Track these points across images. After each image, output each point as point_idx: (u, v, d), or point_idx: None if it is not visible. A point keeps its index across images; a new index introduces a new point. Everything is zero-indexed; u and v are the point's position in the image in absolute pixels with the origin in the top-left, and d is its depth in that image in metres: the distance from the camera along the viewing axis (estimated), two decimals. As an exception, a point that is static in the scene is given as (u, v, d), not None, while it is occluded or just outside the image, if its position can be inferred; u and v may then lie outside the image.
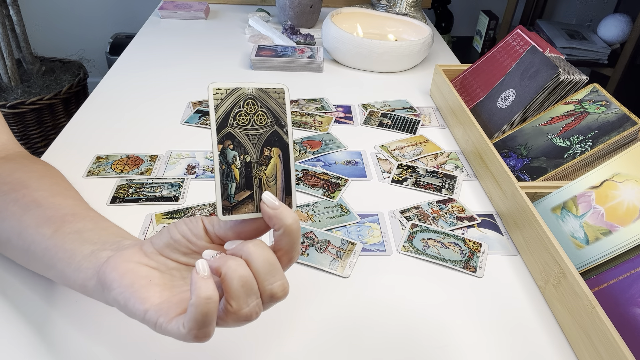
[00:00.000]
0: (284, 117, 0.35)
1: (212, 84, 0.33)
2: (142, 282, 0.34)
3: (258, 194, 0.34)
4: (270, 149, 0.34)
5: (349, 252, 0.55)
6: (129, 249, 0.37)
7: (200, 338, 0.31)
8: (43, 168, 0.50)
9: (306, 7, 1.21)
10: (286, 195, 0.35)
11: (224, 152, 0.33)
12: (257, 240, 0.34)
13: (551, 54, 0.75)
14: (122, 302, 0.34)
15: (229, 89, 0.33)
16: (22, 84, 1.68)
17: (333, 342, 0.45)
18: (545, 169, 0.62)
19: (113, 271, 0.34)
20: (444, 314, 0.49)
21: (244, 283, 0.31)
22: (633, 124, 0.59)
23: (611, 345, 0.40)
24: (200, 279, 0.30)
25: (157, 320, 0.32)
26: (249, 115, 0.34)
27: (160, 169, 0.67)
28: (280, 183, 0.35)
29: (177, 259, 0.36)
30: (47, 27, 2.14)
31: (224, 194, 0.33)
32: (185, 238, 0.36)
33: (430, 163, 0.73)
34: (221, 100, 0.33)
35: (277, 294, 0.33)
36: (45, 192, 0.45)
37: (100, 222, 0.42)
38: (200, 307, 0.30)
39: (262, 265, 0.32)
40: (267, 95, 0.34)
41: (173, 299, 0.34)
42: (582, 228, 0.52)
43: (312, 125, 0.81)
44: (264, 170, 0.34)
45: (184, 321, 0.31)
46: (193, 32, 1.20)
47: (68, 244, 0.39)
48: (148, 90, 0.90)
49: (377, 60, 1.01)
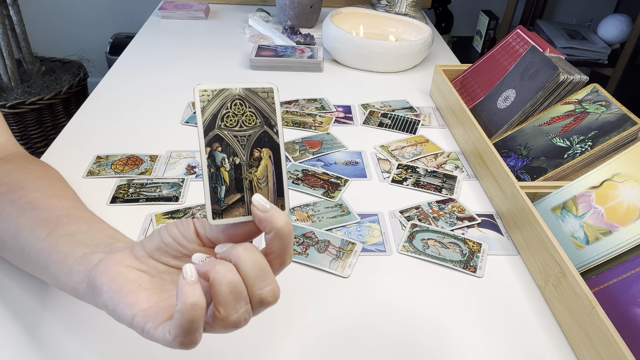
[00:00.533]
0: (274, 117, 0.34)
1: (197, 86, 0.32)
2: (131, 287, 0.33)
3: (249, 196, 0.33)
4: (260, 150, 0.34)
5: (349, 252, 0.55)
6: (120, 252, 0.36)
7: (186, 345, 0.30)
8: (41, 169, 0.50)
9: (306, 7, 1.21)
10: (278, 197, 0.34)
11: (212, 155, 0.32)
12: (247, 244, 0.33)
13: (551, 54, 0.75)
14: (110, 307, 0.33)
15: (216, 90, 0.32)
16: (22, 84, 1.68)
17: (333, 342, 0.45)
18: (545, 169, 0.62)
19: (103, 275, 0.34)
20: (444, 314, 0.49)
21: (233, 288, 0.30)
22: (633, 124, 0.59)
23: (611, 345, 0.40)
24: (187, 285, 0.29)
25: (144, 326, 0.31)
26: (237, 116, 0.33)
27: (160, 169, 0.67)
28: (271, 184, 0.34)
29: (167, 262, 0.36)
30: (47, 27, 2.14)
31: (214, 197, 0.32)
32: (176, 241, 0.35)
33: (430, 163, 0.73)
34: (208, 102, 0.32)
35: (267, 299, 0.32)
36: (41, 193, 0.45)
37: (94, 224, 0.42)
38: (186, 313, 0.29)
39: (251, 269, 0.31)
40: (256, 95, 0.33)
41: (161, 304, 0.33)
42: (582, 228, 0.52)
43: (312, 125, 0.81)
44: (254, 172, 0.34)
45: (169, 327, 0.30)
46: (193, 32, 1.20)
47: (61, 246, 0.39)
48: (148, 90, 0.90)
49: (377, 60, 1.01)
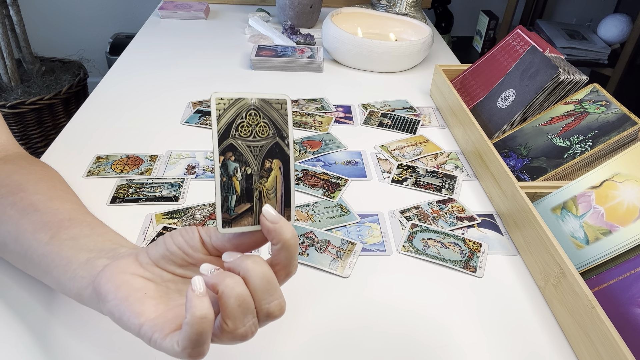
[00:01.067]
0: (286, 129, 0.34)
1: (215, 94, 0.32)
2: (137, 295, 0.33)
3: (258, 206, 0.34)
4: (272, 161, 0.34)
5: (349, 252, 0.55)
6: (125, 258, 0.36)
7: (194, 357, 0.30)
8: (41, 170, 0.50)
9: (306, 7, 1.21)
10: (285, 207, 0.35)
11: (225, 164, 0.32)
12: (255, 256, 0.33)
13: (551, 54, 0.75)
14: (117, 315, 0.33)
15: (232, 99, 0.32)
16: (22, 84, 1.68)
17: (333, 342, 0.45)
18: (545, 169, 0.62)
19: (108, 282, 0.34)
20: (443, 313, 0.49)
21: (241, 302, 0.31)
22: (633, 124, 0.59)
23: (611, 345, 0.40)
24: (196, 297, 0.29)
25: (152, 336, 0.32)
26: (251, 127, 0.33)
27: (160, 169, 0.67)
28: (280, 195, 0.34)
29: (173, 270, 0.36)
30: (47, 27, 2.14)
31: (224, 206, 0.33)
32: (182, 250, 0.35)
33: (430, 163, 0.73)
34: (224, 111, 0.32)
35: (273, 313, 0.32)
36: (42, 195, 0.44)
37: (97, 228, 0.42)
38: (195, 326, 0.29)
39: (260, 283, 0.31)
40: (270, 106, 0.34)
41: (168, 314, 0.33)
42: (582, 228, 0.52)
43: (312, 125, 0.81)
44: (264, 183, 0.34)
45: (178, 339, 0.30)
46: (193, 32, 1.20)
47: (64, 250, 0.39)
48: (148, 90, 0.90)
49: (377, 60, 1.01)
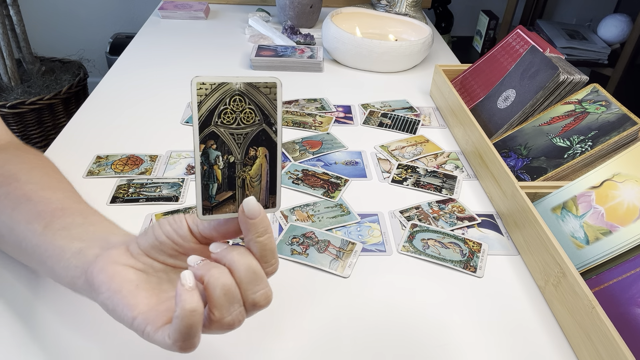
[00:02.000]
0: (274, 115, 0.33)
1: (196, 78, 0.30)
2: (130, 287, 0.34)
3: (240, 194, 0.33)
4: (257, 148, 0.33)
5: (349, 252, 0.55)
6: (116, 248, 0.36)
7: (185, 349, 0.31)
8: (34, 158, 0.49)
9: (306, 7, 1.21)
10: (270, 195, 0.34)
11: (205, 153, 0.32)
12: (241, 248, 0.33)
13: (551, 54, 0.75)
14: (110, 307, 0.33)
15: (215, 84, 0.31)
16: (22, 84, 1.68)
17: (333, 342, 0.45)
18: (545, 169, 0.62)
19: (100, 273, 0.34)
20: (444, 313, 0.49)
21: (227, 292, 0.31)
22: (633, 124, 0.59)
23: (611, 345, 0.40)
24: (185, 291, 0.30)
25: (144, 329, 0.32)
26: (235, 113, 0.32)
27: (160, 169, 0.67)
28: (265, 183, 0.34)
29: (164, 260, 0.36)
30: (47, 27, 2.14)
31: (205, 194, 0.32)
32: (171, 239, 0.35)
33: (430, 163, 0.73)
34: (205, 97, 0.31)
35: (259, 303, 0.33)
36: (35, 185, 0.44)
37: (89, 217, 0.42)
38: (185, 319, 0.29)
39: (245, 274, 0.32)
40: (257, 90, 0.32)
41: (160, 306, 0.33)
42: (582, 228, 0.52)
43: (312, 125, 0.81)
44: (247, 171, 0.33)
45: (169, 332, 0.31)
46: (193, 32, 1.20)
47: (58, 240, 0.39)
48: (148, 90, 0.90)
49: (377, 60, 1.01)
